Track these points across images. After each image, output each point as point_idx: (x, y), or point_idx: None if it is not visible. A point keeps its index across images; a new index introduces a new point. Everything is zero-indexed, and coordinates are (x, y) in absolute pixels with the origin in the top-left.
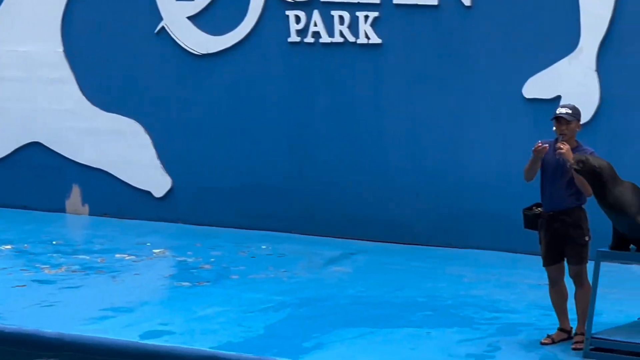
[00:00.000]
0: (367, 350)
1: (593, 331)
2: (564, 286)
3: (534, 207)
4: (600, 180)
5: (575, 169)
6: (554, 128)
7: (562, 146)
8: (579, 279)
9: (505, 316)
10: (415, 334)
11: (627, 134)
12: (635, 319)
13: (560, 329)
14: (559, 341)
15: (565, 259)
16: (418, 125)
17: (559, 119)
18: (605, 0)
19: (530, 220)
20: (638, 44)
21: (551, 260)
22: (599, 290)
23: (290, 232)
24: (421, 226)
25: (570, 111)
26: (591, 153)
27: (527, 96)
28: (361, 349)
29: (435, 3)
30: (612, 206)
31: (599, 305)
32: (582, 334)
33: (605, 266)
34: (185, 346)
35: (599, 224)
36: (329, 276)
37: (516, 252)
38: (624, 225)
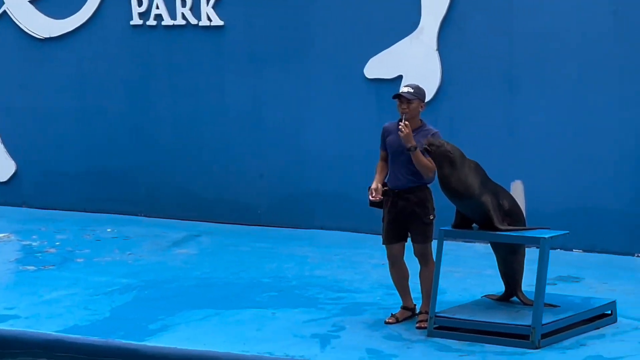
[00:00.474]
0: (213, 332)
1: (437, 310)
2: (405, 264)
3: (382, 185)
4: (451, 165)
5: (427, 150)
6: (397, 106)
7: (403, 128)
8: (424, 257)
9: (349, 296)
10: (260, 315)
11: (467, 113)
12: (479, 297)
13: (404, 307)
14: (403, 319)
15: (410, 238)
16: (261, 107)
17: (400, 97)
18: None
19: (373, 201)
20: (478, 23)
21: (393, 238)
22: (443, 269)
23: (136, 215)
24: (265, 207)
25: (412, 90)
26: (435, 133)
27: (368, 76)
28: (207, 331)
29: None
30: (456, 190)
31: (442, 284)
32: (427, 312)
33: (448, 245)
34: (31, 330)
35: (443, 203)
36: (174, 258)
37: (360, 232)
38: (466, 207)
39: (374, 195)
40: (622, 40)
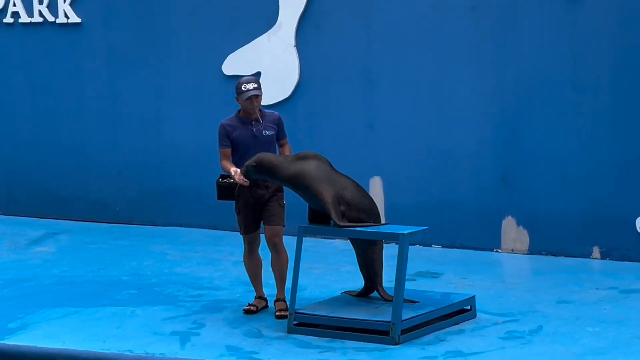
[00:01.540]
0: (72, 330)
1: (297, 306)
2: (259, 254)
3: (227, 178)
4: (272, 170)
5: (250, 170)
6: (247, 105)
7: (241, 179)
8: (278, 243)
9: (209, 293)
10: (120, 313)
11: (326, 109)
12: (339, 294)
13: (259, 297)
14: (261, 308)
15: (264, 223)
16: (119, 103)
17: (256, 96)
18: None
19: (226, 191)
20: (335, 19)
21: (251, 227)
22: (302, 266)
23: None
24: (124, 204)
25: (256, 85)
26: (280, 117)
27: (227, 73)
28: (67, 329)
29: None
30: (289, 180)
31: (302, 280)
32: (283, 299)
33: (307, 241)
34: None
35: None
36: (32, 256)
37: (219, 229)
38: (305, 199)
39: (239, 175)
40: (479, 34)
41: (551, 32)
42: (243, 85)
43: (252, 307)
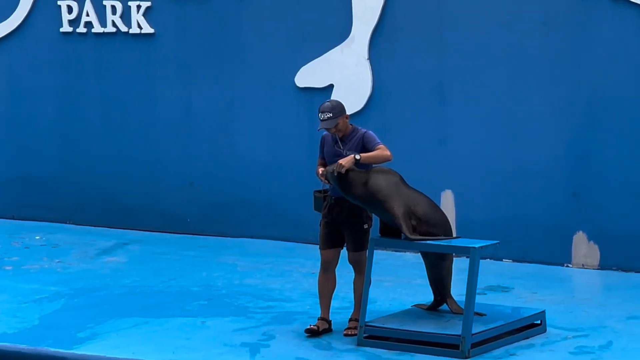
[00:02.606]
0: (142, 340)
1: (367, 319)
2: (334, 275)
3: (326, 190)
4: (347, 182)
5: (330, 175)
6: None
7: (340, 169)
8: (358, 266)
9: (280, 305)
10: (190, 324)
11: (398, 122)
12: (409, 307)
13: (322, 319)
14: (322, 330)
15: (346, 245)
16: (191, 115)
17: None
18: None
19: (320, 203)
20: (408, 33)
21: (327, 244)
22: (373, 278)
23: (64, 223)
24: (194, 215)
25: (330, 115)
26: (365, 132)
27: (299, 85)
28: (136, 339)
29: None
30: (368, 201)
31: (372, 293)
32: (357, 319)
33: (379, 254)
34: None
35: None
36: (103, 266)
37: (290, 241)
38: (378, 214)
39: (321, 175)
40: (550, 52)
41: (624, 47)
42: (319, 114)
43: (314, 327)
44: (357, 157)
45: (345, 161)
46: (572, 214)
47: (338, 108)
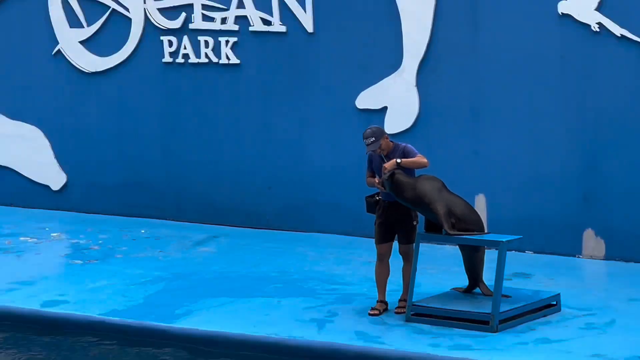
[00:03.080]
0: (228, 316)
1: (414, 299)
2: (388, 264)
3: (374, 195)
4: (399, 185)
5: (386, 182)
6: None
7: (385, 172)
8: (407, 255)
9: (342, 287)
10: (268, 303)
11: (440, 138)
12: (448, 290)
13: (381, 301)
14: (383, 311)
15: (397, 239)
16: (270, 132)
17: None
18: (423, 28)
19: (371, 206)
20: (450, 64)
21: (383, 239)
22: (419, 267)
23: (165, 219)
24: (272, 214)
25: (373, 139)
26: (405, 146)
27: (359, 107)
28: (224, 316)
29: (284, 30)
30: (416, 202)
31: (418, 278)
32: (405, 300)
33: (423, 247)
34: (78, 313)
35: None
36: (196, 255)
37: (351, 235)
38: (424, 213)
39: (378, 184)
40: (566, 79)
41: (626, 77)
42: (364, 140)
43: (375, 312)
44: (398, 160)
45: (389, 164)
46: (583, 214)
47: (378, 132)
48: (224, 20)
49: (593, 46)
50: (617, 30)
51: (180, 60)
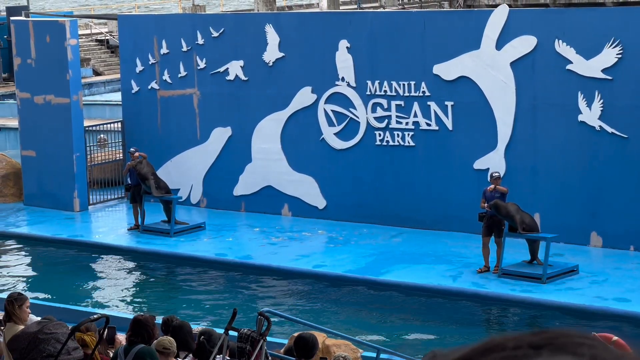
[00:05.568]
0: None
1: (502, 266)
2: (489, 247)
3: (483, 214)
4: (498, 208)
5: (491, 207)
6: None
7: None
8: (499, 242)
9: (463, 260)
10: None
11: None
12: (519, 261)
13: (486, 266)
14: (484, 270)
15: (493, 234)
16: None
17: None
18: None
19: (480, 218)
20: None
21: (486, 235)
22: (505, 250)
23: None
24: None
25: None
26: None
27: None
28: None
29: None
30: (506, 216)
31: (506, 255)
32: (497, 267)
33: (508, 240)
34: None
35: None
36: None
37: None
38: (512, 223)
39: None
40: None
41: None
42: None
43: (484, 269)
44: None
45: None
46: (591, 223)
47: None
48: None
49: None
50: None
51: None
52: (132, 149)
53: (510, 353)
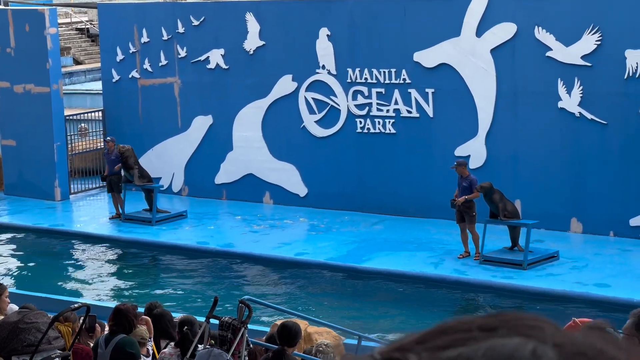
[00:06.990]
0: None
1: (483, 252)
2: (467, 234)
3: (453, 200)
4: (486, 192)
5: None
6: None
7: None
8: (472, 230)
9: (444, 247)
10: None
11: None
12: (501, 247)
13: (466, 251)
14: (465, 256)
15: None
16: None
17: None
18: None
19: (452, 204)
20: None
21: (460, 220)
22: (486, 236)
23: None
24: None
25: (455, 165)
26: (475, 179)
27: None
28: None
29: None
30: (490, 202)
31: (487, 242)
32: (478, 253)
33: (489, 226)
34: None
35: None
36: None
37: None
38: (492, 207)
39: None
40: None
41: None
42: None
43: (461, 256)
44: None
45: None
46: (571, 209)
47: (462, 161)
48: None
49: None
50: None
51: None
52: (108, 138)
53: (462, 335)
